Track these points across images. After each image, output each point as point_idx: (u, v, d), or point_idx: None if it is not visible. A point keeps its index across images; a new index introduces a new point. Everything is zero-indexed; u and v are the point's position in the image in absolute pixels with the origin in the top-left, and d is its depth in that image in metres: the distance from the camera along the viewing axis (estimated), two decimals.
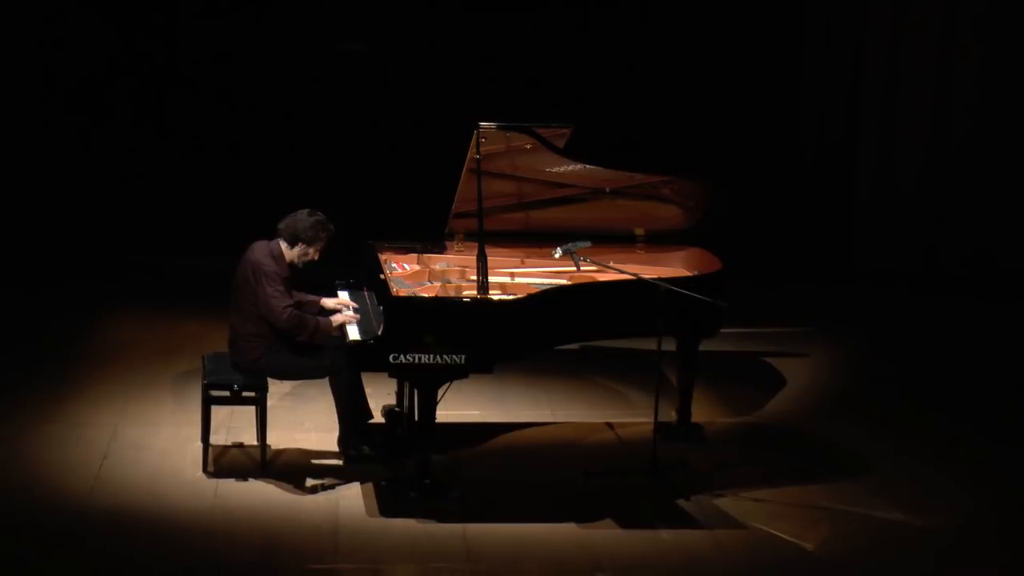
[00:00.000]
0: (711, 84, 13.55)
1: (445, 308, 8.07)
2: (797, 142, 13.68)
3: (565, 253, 8.53)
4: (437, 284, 8.58)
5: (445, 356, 7.83)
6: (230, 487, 8.13)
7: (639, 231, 9.19)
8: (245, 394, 8.26)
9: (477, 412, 9.30)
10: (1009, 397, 10.16)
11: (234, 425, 8.76)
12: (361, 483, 8.20)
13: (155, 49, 13.58)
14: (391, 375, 8.18)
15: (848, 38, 13.27)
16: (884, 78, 13.15)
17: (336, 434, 8.51)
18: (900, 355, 11.05)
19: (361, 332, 8.18)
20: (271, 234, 8.31)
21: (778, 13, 13.56)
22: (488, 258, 8.22)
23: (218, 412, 8.40)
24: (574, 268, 8.68)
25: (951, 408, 9.89)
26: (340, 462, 8.45)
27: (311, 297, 8.44)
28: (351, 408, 8.40)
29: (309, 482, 8.20)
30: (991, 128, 12.85)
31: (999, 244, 12.89)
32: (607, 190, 9.01)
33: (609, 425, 9.27)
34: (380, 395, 8.98)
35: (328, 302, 8.46)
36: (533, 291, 8.30)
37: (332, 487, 8.16)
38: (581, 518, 7.87)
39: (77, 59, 13.40)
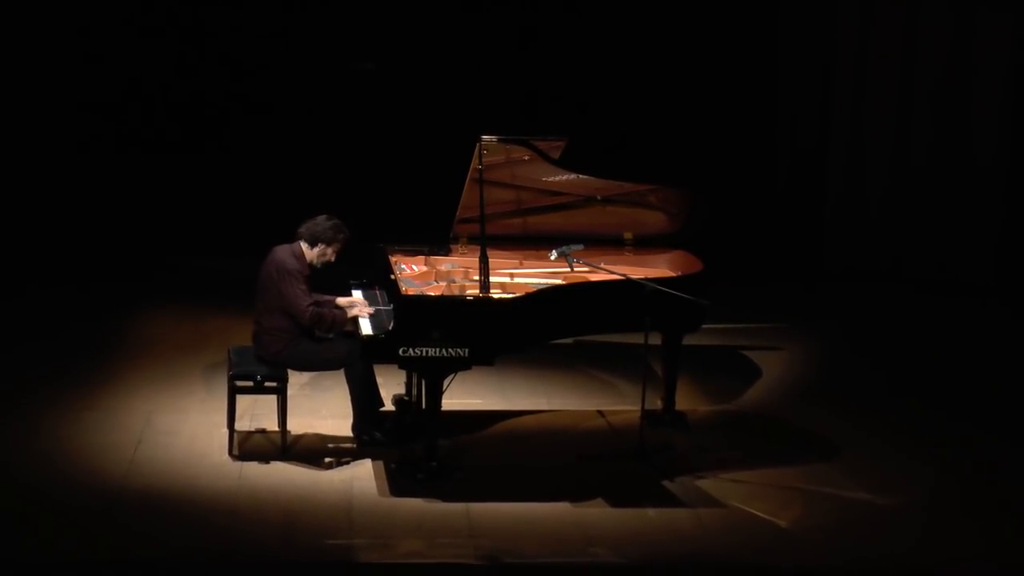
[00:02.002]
0: (693, 101, 13.57)
1: (450, 306, 8.08)
2: (772, 155, 13.69)
3: (560, 255, 8.54)
4: (443, 284, 8.58)
5: (450, 349, 7.84)
6: (253, 469, 8.14)
7: (627, 235, 9.18)
8: (267, 384, 8.26)
9: (479, 401, 9.31)
10: (970, 383, 10.18)
11: (257, 412, 8.76)
12: (373, 465, 8.21)
13: (187, 67, 13.61)
14: (401, 367, 8.21)
15: (817, 61, 13.29)
16: (851, 97, 13.16)
17: (350, 421, 8.51)
18: (868, 347, 11.05)
19: (373, 327, 8.19)
20: (291, 238, 8.33)
21: (754, 37, 13.58)
22: (489, 260, 8.24)
23: (243, 400, 8.41)
24: (568, 269, 8.68)
25: (916, 394, 9.89)
26: (354, 446, 8.45)
27: (327, 297, 8.45)
28: (364, 397, 8.41)
29: (326, 464, 8.22)
30: (949, 142, 12.86)
31: (955, 249, 12.91)
32: (598, 198, 9.01)
33: (600, 413, 9.27)
34: (391, 385, 8.97)
35: (342, 301, 8.47)
36: (531, 290, 8.30)
37: (347, 469, 8.17)
38: (575, 497, 7.88)
39: (115, 75, 13.43)
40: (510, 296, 8.24)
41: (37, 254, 12.55)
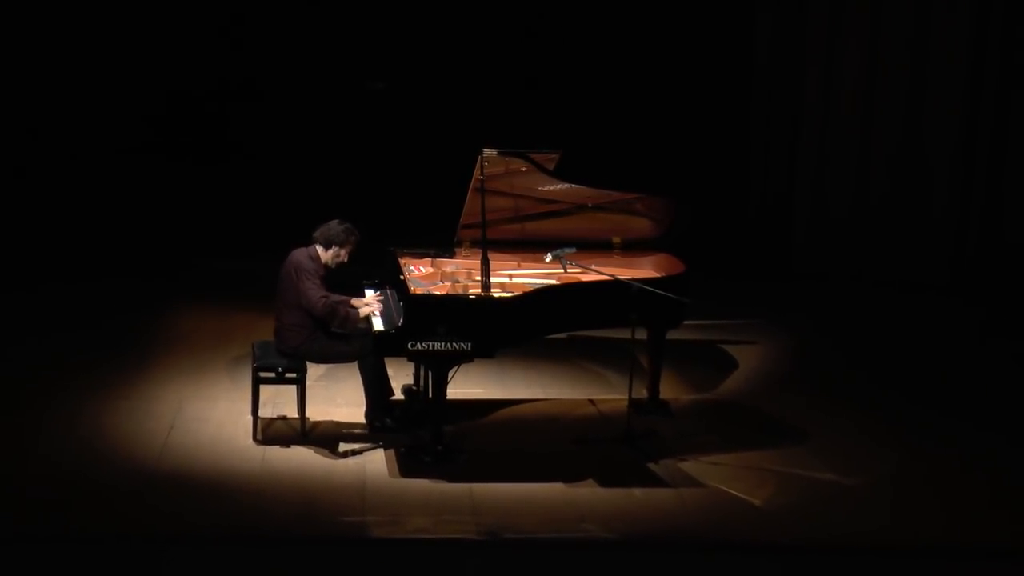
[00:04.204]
0: (678, 119, 13.62)
1: (454, 304, 8.08)
2: (746, 166, 13.71)
3: (554, 258, 8.53)
4: (448, 283, 8.58)
5: (454, 344, 7.83)
6: (275, 453, 8.14)
7: (616, 239, 9.18)
8: (288, 375, 8.26)
9: (481, 390, 9.30)
10: (929, 370, 10.21)
11: (279, 401, 8.75)
12: (384, 449, 8.21)
13: (214, 86, 13.64)
14: (409, 359, 8.20)
15: (790, 87, 13.33)
16: (819, 120, 13.20)
17: (364, 408, 8.51)
18: (835, 340, 11.04)
19: (384, 323, 8.18)
20: (308, 241, 8.33)
21: (732, 59, 13.63)
22: (490, 261, 8.24)
23: (265, 390, 8.40)
24: (562, 270, 8.68)
25: (880, 382, 9.90)
26: (367, 432, 8.45)
27: (343, 297, 8.45)
28: (376, 387, 8.40)
29: (341, 449, 8.21)
30: (908, 153, 12.91)
31: (912, 253, 12.94)
32: (589, 205, 9.01)
33: (591, 401, 9.26)
34: (400, 376, 8.98)
35: (357, 302, 8.47)
36: (528, 290, 8.30)
37: (360, 453, 8.16)
38: (568, 478, 7.88)
39: (149, 94, 13.47)
40: (509, 295, 8.24)
41: (77, 252, 12.55)
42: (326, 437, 8.38)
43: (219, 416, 8.68)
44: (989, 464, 8.32)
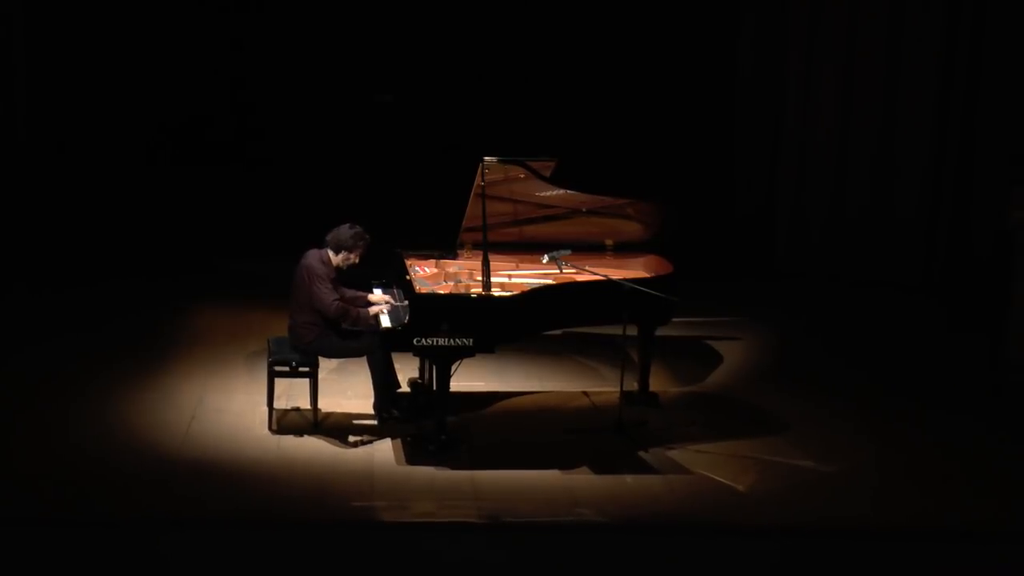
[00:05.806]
0: (668, 130, 13.67)
1: (457, 302, 8.12)
2: (731, 172, 13.75)
3: (551, 259, 8.56)
4: (451, 283, 8.62)
5: (457, 339, 7.87)
6: (289, 442, 8.18)
7: (608, 242, 9.20)
8: (301, 369, 8.29)
9: (482, 383, 9.32)
10: (904, 363, 10.24)
11: (292, 393, 8.77)
12: (392, 439, 8.25)
13: (230, 97, 13.67)
14: (415, 354, 8.23)
15: (773, 94, 13.35)
16: (799, 134, 13.22)
17: (372, 400, 8.55)
18: (815, 335, 11.06)
19: (392, 321, 8.22)
20: (320, 244, 8.37)
21: (716, 69, 13.65)
22: (490, 263, 8.27)
23: (280, 383, 8.44)
24: (558, 271, 8.72)
25: (857, 375, 9.92)
26: (375, 422, 8.48)
27: (360, 294, 8.49)
28: (384, 380, 8.44)
29: (351, 438, 8.25)
30: (883, 163, 12.94)
31: (887, 254, 12.98)
32: (584, 210, 9.03)
33: (585, 393, 9.29)
34: (407, 370, 9.00)
35: (373, 298, 8.51)
36: (526, 289, 8.34)
37: (369, 442, 8.20)
38: (564, 465, 7.92)
39: (172, 104, 13.51)
40: (508, 294, 8.28)
41: (101, 254, 12.57)
42: (337, 427, 8.42)
43: (237, 407, 8.72)
44: (964, 451, 8.36)
